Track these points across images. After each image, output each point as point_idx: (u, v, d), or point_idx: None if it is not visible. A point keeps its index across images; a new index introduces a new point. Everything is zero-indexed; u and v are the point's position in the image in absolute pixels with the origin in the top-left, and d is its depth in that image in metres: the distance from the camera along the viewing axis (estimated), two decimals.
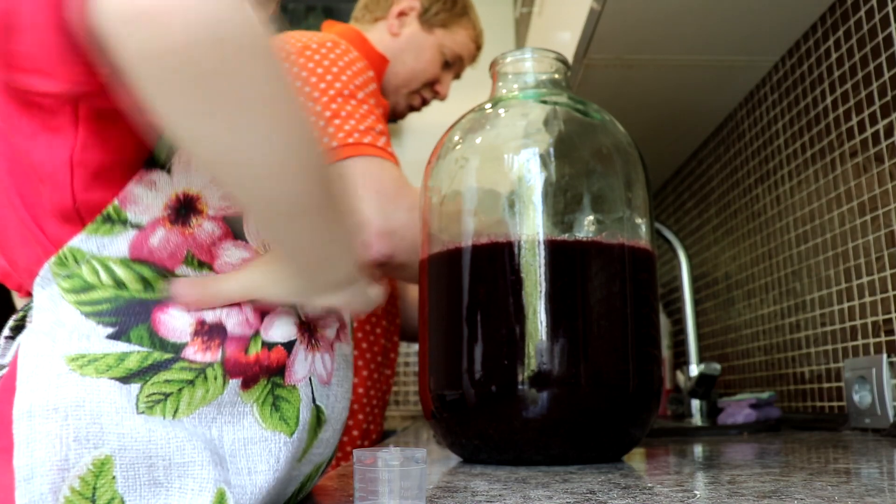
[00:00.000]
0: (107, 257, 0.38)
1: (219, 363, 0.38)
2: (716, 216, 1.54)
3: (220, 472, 0.37)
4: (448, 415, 0.63)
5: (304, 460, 0.43)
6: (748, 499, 0.40)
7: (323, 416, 0.43)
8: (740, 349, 1.41)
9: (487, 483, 0.49)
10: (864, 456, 0.64)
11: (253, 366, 0.39)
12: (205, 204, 0.40)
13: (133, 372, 0.36)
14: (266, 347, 0.39)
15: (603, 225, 0.63)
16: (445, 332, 0.64)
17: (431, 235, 0.68)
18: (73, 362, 0.36)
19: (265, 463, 0.39)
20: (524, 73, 0.71)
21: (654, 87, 1.32)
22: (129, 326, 0.37)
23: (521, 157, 0.65)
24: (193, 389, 0.37)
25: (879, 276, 0.94)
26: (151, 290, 0.38)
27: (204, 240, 0.40)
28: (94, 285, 0.38)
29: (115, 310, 0.37)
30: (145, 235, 0.38)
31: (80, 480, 0.35)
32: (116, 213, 0.38)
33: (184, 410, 0.37)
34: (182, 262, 0.39)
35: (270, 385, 0.39)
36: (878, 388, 0.91)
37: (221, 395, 0.38)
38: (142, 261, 0.38)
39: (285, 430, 0.40)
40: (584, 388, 0.59)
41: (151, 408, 0.36)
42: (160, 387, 0.36)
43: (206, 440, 0.37)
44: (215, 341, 0.38)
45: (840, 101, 1.03)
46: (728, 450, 0.73)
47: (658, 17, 1.08)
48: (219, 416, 0.38)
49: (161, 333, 0.37)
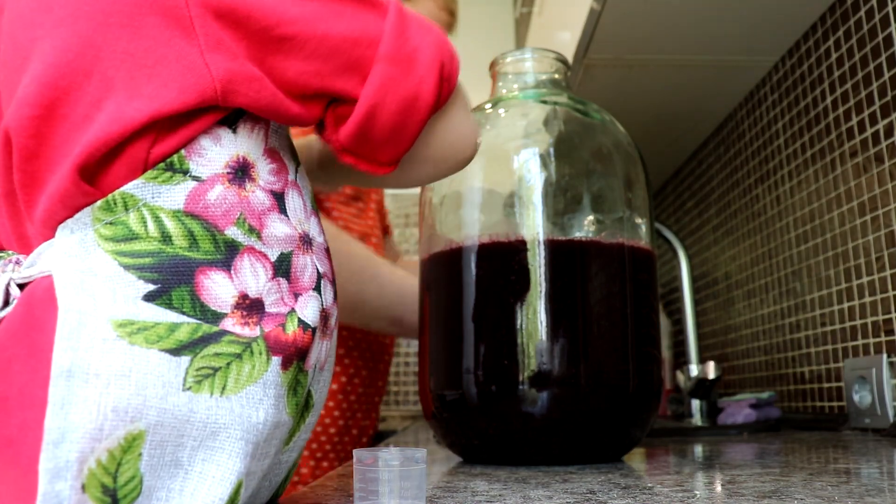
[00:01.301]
0: (159, 207, 0.37)
1: (261, 338, 0.37)
2: (716, 216, 1.54)
3: (248, 461, 0.36)
4: (448, 415, 0.63)
5: (291, 445, 0.43)
6: (748, 499, 0.40)
7: (311, 401, 0.43)
8: (740, 349, 1.41)
9: (487, 483, 0.49)
10: (864, 456, 0.64)
11: (290, 346, 0.38)
12: (258, 174, 0.41)
13: (184, 344, 0.35)
14: (301, 327, 0.39)
15: (603, 225, 0.63)
16: (445, 332, 0.64)
17: (432, 235, 0.68)
18: (121, 328, 0.34)
19: (274, 448, 0.39)
20: (524, 73, 0.71)
21: (654, 87, 1.32)
22: (172, 286, 0.36)
23: (521, 157, 0.65)
24: (241, 364, 0.36)
25: (879, 276, 0.94)
26: (196, 250, 0.37)
27: (255, 206, 0.40)
28: (138, 235, 0.37)
29: (157, 265, 0.36)
30: (203, 189, 0.38)
31: (108, 454, 0.33)
32: (180, 162, 0.38)
33: (232, 387, 0.36)
34: (233, 223, 0.38)
35: (297, 370, 0.39)
36: (878, 388, 0.91)
37: (266, 371, 0.37)
38: (195, 215, 0.38)
39: (294, 414, 0.40)
40: (584, 388, 0.59)
41: (200, 382, 0.35)
42: (210, 360, 0.36)
43: (251, 424, 0.36)
44: (254, 317, 0.38)
45: (840, 101, 1.03)
46: (728, 450, 0.73)
47: (658, 17, 1.08)
48: (265, 397, 0.37)
49: (203, 299, 0.37)
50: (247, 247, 0.39)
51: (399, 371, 2.02)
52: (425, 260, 0.68)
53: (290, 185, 0.43)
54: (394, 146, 0.44)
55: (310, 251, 0.43)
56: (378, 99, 0.41)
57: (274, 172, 0.42)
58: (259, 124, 0.41)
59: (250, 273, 0.38)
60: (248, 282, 0.38)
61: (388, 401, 2.01)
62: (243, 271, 0.38)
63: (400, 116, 0.42)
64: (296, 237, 0.42)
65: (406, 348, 2.01)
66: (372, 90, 0.41)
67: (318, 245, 0.44)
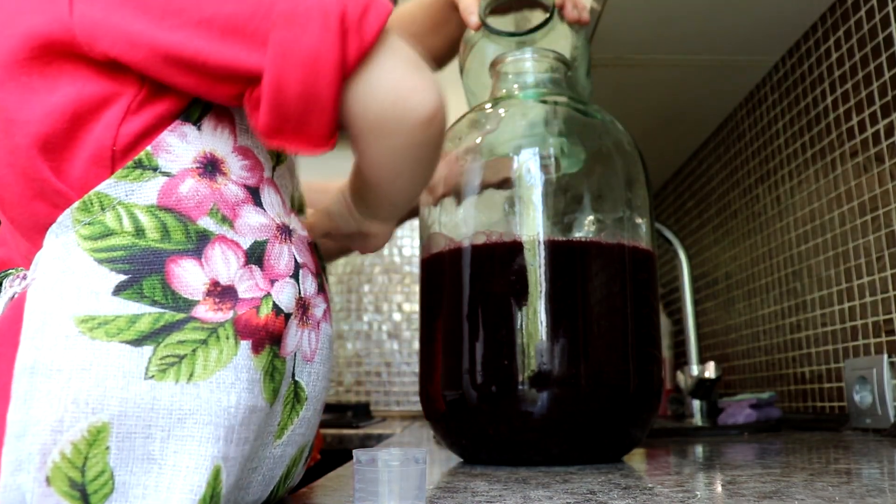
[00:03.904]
0: (133, 204, 0.38)
1: (230, 322, 0.37)
2: (716, 216, 1.54)
3: (223, 446, 0.36)
4: (448, 415, 0.63)
5: (284, 439, 0.42)
6: (748, 499, 0.40)
7: (303, 393, 0.43)
8: (741, 349, 1.41)
9: (487, 483, 0.49)
10: (865, 456, 0.64)
11: (261, 329, 0.38)
12: (228, 169, 0.41)
13: (145, 334, 0.36)
14: (275, 312, 0.39)
15: (603, 225, 0.63)
16: (446, 333, 0.64)
17: (432, 235, 0.68)
18: (82, 324, 0.35)
19: (253, 433, 0.39)
20: (524, 73, 0.71)
21: (654, 87, 1.32)
22: (143, 275, 0.37)
23: (521, 157, 0.65)
24: (207, 350, 0.37)
25: (880, 276, 0.94)
26: (168, 241, 0.38)
27: (229, 198, 0.40)
28: (114, 231, 0.38)
29: (129, 257, 0.37)
30: (175, 183, 0.39)
31: (73, 447, 0.34)
32: (148, 160, 0.39)
33: (200, 374, 0.36)
34: (206, 213, 0.39)
35: (272, 354, 0.39)
36: (879, 388, 0.91)
37: (236, 355, 0.37)
38: (168, 208, 0.39)
39: (271, 399, 0.40)
40: (585, 389, 0.59)
41: (165, 371, 0.35)
42: (174, 348, 0.36)
43: (222, 409, 0.36)
44: (227, 304, 0.38)
45: (840, 101, 1.03)
46: (728, 450, 0.73)
47: (658, 16, 1.08)
48: (237, 381, 0.37)
49: (174, 287, 0.37)
50: (218, 236, 0.39)
51: (399, 371, 2.02)
52: (425, 260, 0.68)
53: (265, 181, 0.43)
54: (316, 118, 0.39)
55: (288, 241, 0.43)
56: (279, 68, 0.37)
57: (247, 168, 0.42)
58: (223, 122, 0.42)
59: (221, 261, 0.39)
60: (219, 269, 0.39)
61: (388, 401, 2.01)
62: (214, 259, 0.39)
63: (306, 82, 0.38)
64: (272, 227, 0.42)
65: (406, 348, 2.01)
66: (271, 60, 0.37)
67: (300, 237, 0.45)
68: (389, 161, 0.44)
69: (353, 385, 2.01)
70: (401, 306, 2.05)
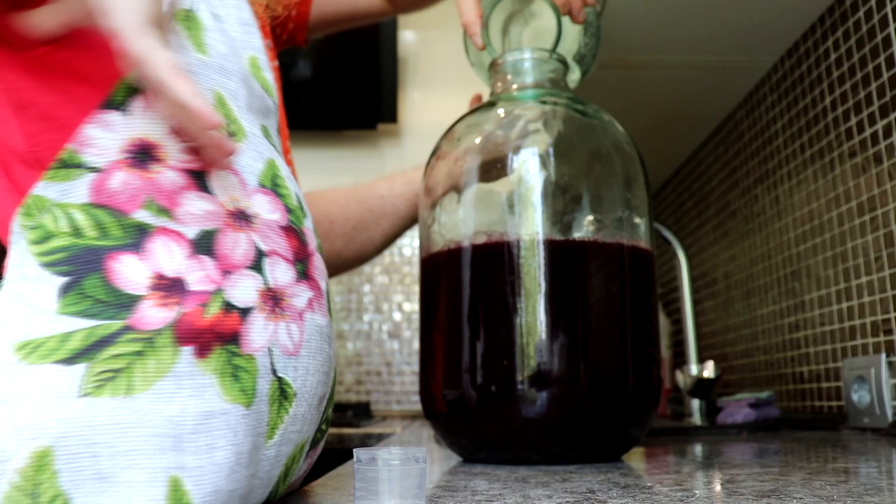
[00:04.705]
0: (68, 204, 0.37)
1: (168, 329, 0.36)
2: (715, 216, 1.54)
3: (175, 456, 0.35)
4: (448, 414, 0.63)
5: (276, 438, 0.41)
6: (747, 498, 0.40)
7: (290, 390, 0.41)
8: (739, 349, 1.42)
9: (487, 482, 0.49)
10: (863, 455, 0.64)
11: (206, 332, 0.37)
12: (165, 154, 0.39)
13: (78, 352, 0.35)
14: (224, 310, 0.38)
15: (602, 225, 0.64)
16: (445, 332, 0.64)
17: (430, 235, 0.68)
18: (19, 351, 0.35)
19: (224, 437, 0.37)
20: (523, 73, 0.71)
21: (653, 87, 1.32)
22: (83, 275, 0.36)
23: (521, 157, 0.65)
24: (144, 361, 0.35)
25: (878, 276, 0.95)
26: (106, 237, 0.37)
27: (166, 186, 0.38)
28: (53, 233, 0.37)
29: (69, 258, 0.36)
30: (104, 178, 0.37)
31: (20, 475, 0.33)
32: (71, 157, 0.37)
33: (140, 386, 0.35)
34: (141, 206, 0.37)
35: (227, 354, 0.37)
36: (877, 387, 0.91)
37: (175, 364, 0.36)
38: (101, 205, 0.37)
39: (243, 401, 0.38)
40: (584, 388, 0.59)
41: (101, 386, 0.34)
42: (108, 363, 0.35)
43: (164, 419, 0.35)
44: (174, 297, 0.36)
45: (839, 102, 1.04)
46: (727, 449, 0.73)
47: (658, 17, 1.08)
48: (179, 390, 0.36)
49: (116, 283, 0.36)
50: (158, 227, 0.37)
51: (399, 370, 2.02)
52: (425, 260, 0.68)
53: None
54: None
55: (247, 228, 0.40)
56: None
57: (189, 150, 0.39)
58: None
59: (164, 253, 0.37)
60: (163, 261, 0.37)
61: (388, 400, 2.01)
62: (156, 252, 0.37)
63: None
64: (222, 213, 0.40)
65: (406, 348, 2.01)
66: None
67: (265, 223, 0.42)
68: None
69: (353, 384, 2.01)
70: (401, 306, 2.05)
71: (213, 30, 0.45)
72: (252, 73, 0.49)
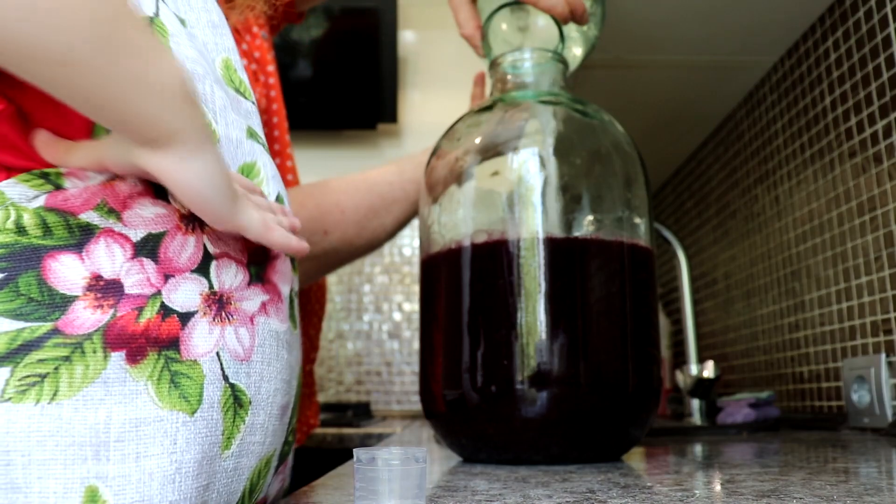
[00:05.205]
0: (24, 206, 0.36)
1: (98, 333, 0.35)
2: (715, 216, 1.54)
3: (93, 465, 0.34)
4: (448, 414, 0.63)
5: (234, 449, 0.39)
6: (747, 498, 0.40)
7: (244, 397, 0.40)
8: (739, 349, 1.42)
9: (487, 482, 0.49)
10: (863, 455, 0.64)
11: (139, 337, 0.36)
12: None
13: (1, 355, 0.33)
14: (161, 314, 0.37)
15: (602, 225, 0.64)
16: (445, 332, 0.64)
17: (431, 235, 0.68)
18: None
19: (159, 445, 0.35)
20: (523, 73, 0.71)
21: (653, 87, 1.32)
22: (19, 272, 0.35)
23: (521, 157, 0.65)
24: (72, 366, 0.34)
25: (878, 275, 0.95)
26: (49, 237, 0.36)
27: (121, 191, 0.38)
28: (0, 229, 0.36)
29: (9, 255, 0.35)
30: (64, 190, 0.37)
31: None
32: (56, 177, 0.37)
33: (65, 392, 0.34)
34: (92, 208, 0.37)
35: (164, 360, 0.36)
36: (877, 387, 0.91)
37: (105, 370, 0.35)
38: (52, 208, 0.36)
39: (185, 408, 0.37)
40: (584, 388, 0.59)
41: (24, 392, 0.33)
42: (34, 367, 0.34)
43: (86, 427, 0.34)
44: (109, 300, 0.36)
45: (839, 102, 1.04)
46: (727, 449, 0.73)
47: (658, 17, 1.08)
48: (107, 396, 0.34)
49: (51, 282, 0.35)
50: (104, 229, 0.37)
51: (399, 370, 2.02)
52: (425, 259, 0.68)
53: None
54: None
55: (197, 231, 0.40)
56: None
57: None
58: None
59: (105, 254, 0.36)
60: (102, 263, 0.36)
61: (388, 400, 2.01)
62: (97, 253, 0.36)
63: None
64: (173, 217, 0.39)
65: (406, 348, 2.01)
66: None
67: None
68: None
69: (353, 384, 2.01)
70: (401, 306, 2.05)
71: (178, 34, 0.44)
72: (225, 76, 0.48)
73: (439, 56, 2.11)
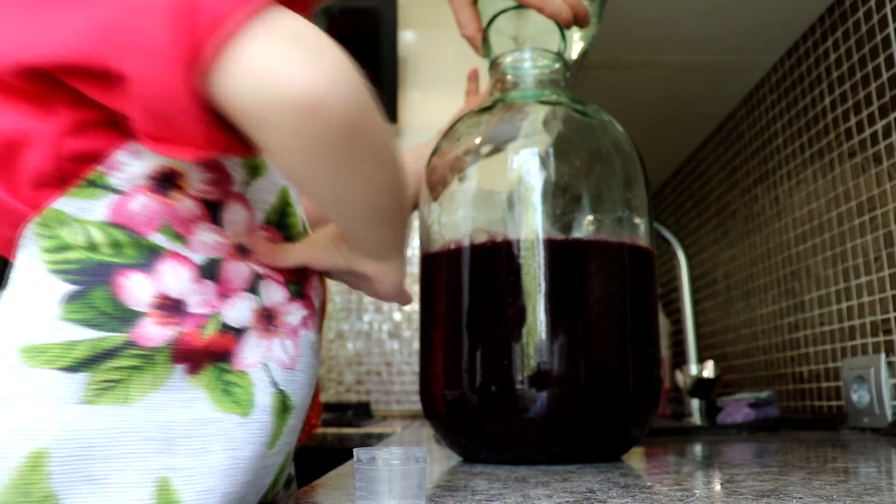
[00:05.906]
0: (86, 220, 0.39)
1: (168, 347, 0.38)
2: (715, 216, 1.54)
3: (165, 458, 0.37)
4: (448, 414, 0.63)
5: (276, 449, 0.43)
6: (747, 498, 0.40)
7: (290, 402, 0.43)
8: (739, 349, 1.42)
9: (487, 482, 0.49)
10: (863, 455, 0.64)
11: (200, 352, 0.39)
12: (187, 183, 0.40)
13: (80, 361, 0.37)
14: (220, 331, 0.40)
15: (602, 225, 0.64)
16: (445, 332, 0.64)
17: (431, 235, 0.68)
18: (24, 353, 0.37)
19: (218, 442, 0.39)
20: (523, 73, 0.71)
21: (653, 87, 1.32)
22: (92, 286, 0.38)
23: (521, 157, 0.65)
24: (141, 375, 0.37)
25: (878, 275, 0.95)
26: (120, 255, 0.39)
27: (182, 214, 0.40)
28: (70, 245, 0.38)
29: (81, 269, 0.38)
30: (125, 200, 0.39)
31: (16, 472, 0.35)
32: (100, 179, 0.39)
33: (134, 396, 0.37)
34: (157, 230, 0.39)
35: (217, 371, 0.40)
36: (877, 387, 0.91)
37: (169, 379, 0.38)
38: (119, 225, 0.39)
39: (237, 411, 0.40)
40: (584, 388, 0.59)
41: (100, 395, 0.37)
42: (108, 374, 0.37)
43: (156, 425, 0.37)
44: (175, 317, 0.39)
45: (839, 102, 1.04)
46: (727, 449, 0.73)
47: (657, 17, 1.08)
48: (171, 402, 0.38)
49: (121, 297, 0.38)
50: (170, 252, 0.40)
51: (399, 370, 2.02)
52: (425, 259, 0.68)
53: (231, 196, 0.42)
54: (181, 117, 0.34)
55: (246, 259, 0.43)
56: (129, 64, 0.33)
57: (210, 182, 0.41)
58: None
59: (172, 275, 0.39)
60: (169, 283, 0.39)
61: (388, 400, 2.01)
62: (164, 273, 0.39)
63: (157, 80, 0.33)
64: (228, 245, 0.42)
65: (406, 347, 2.01)
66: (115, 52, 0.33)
67: None
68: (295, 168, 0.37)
69: (353, 384, 2.01)
70: (401, 306, 2.05)
71: None
72: None
73: (439, 56, 2.11)
